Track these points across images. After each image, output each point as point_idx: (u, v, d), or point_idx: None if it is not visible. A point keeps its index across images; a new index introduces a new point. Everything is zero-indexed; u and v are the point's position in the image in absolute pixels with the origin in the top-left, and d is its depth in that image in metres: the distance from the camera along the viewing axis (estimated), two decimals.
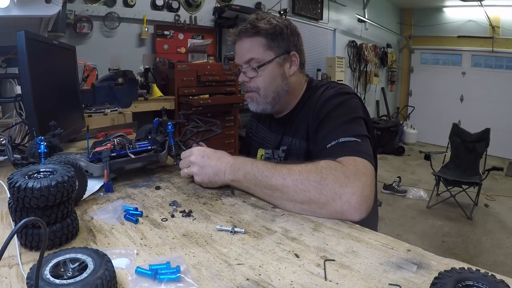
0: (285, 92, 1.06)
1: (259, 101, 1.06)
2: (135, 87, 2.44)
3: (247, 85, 1.06)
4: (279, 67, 1.03)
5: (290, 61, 1.05)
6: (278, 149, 1.12)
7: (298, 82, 1.09)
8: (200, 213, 0.72)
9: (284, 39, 1.02)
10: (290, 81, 1.06)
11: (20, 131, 1.23)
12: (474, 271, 0.41)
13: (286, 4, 4.63)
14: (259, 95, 1.05)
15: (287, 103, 1.10)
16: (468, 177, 3.59)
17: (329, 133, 0.86)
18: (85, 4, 2.95)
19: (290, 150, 1.07)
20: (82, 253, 0.46)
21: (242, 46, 1.04)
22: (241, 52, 1.05)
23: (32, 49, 0.97)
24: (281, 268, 0.52)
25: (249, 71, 1.04)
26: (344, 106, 0.93)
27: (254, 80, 1.04)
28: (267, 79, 1.03)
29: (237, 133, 3.55)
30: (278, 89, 1.05)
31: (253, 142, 1.25)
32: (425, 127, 6.97)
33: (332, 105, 0.94)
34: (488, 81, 6.36)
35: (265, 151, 1.16)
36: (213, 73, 3.25)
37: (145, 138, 1.08)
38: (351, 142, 0.81)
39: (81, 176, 0.72)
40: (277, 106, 1.08)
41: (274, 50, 1.02)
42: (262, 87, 1.04)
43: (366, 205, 0.70)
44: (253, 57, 1.02)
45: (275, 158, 1.13)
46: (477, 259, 2.71)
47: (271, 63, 1.02)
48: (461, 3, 6.02)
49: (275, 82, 1.04)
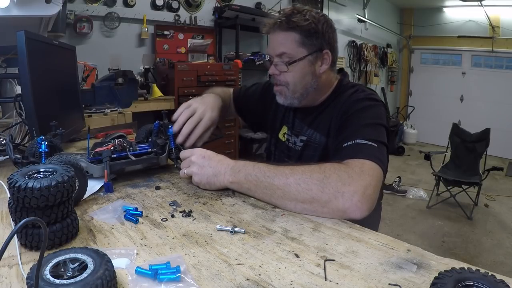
0: (313, 89, 1.05)
1: (287, 96, 1.06)
2: (135, 87, 2.45)
3: (277, 78, 1.06)
4: (310, 65, 1.02)
5: (322, 59, 1.03)
6: (296, 136, 1.13)
7: (328, 79, 1.08)
8: (200, 213, 0.72)
9: (319, 37, 1.00)
10: (319, 79, 1.05)
11: (20, 131, 1.23)
12: (474, 271, 0.41)
13: (286, 4, 4.62)
14: (287, 89, 1.05)
15: (314, 99, 1.09)
16: (468, 177, 3.59)
17: (349, 133, 0.87)
18: (85, 4, 2.95)
19: (309, 143, 1.08)
20: (82, 253, 0.46)
21: (275, 39, 1.03)
22: (274, 44, 1.03)
23: (32, 49, 0.97)
24: (281, 268, 0.52)
25: (280, 65, 1.02)
26: (369, 110, 0.94)
27: (284, 75, 1.03)
28: (297, 76, 1.02)
29: (237, 133, 3.55)
30: (307, 86, 1.04)
31: (279, 112, 1.23)
32: (425, 127, 6.97)
33: (358, 107, 0.95)
34: (488, 81, 6.36)
35: (288, 130, 1.17)
36: (213, 73, 3.25)
37: (146, 140, 1.08)
38: (367, 145, 0.81)
39: (82, 176, 0.72)
40: (303, 101, 1.07)
41: (306, 48, 1.00)
42: (291, 83, 1.03)
43: (368, 205, 0.70)
44: (285, 51, 1.00)
45: (291, 142, 1.15)
46: (477, 259, 2.71)
47: (302, 61, 1.00)
48: (461, 3, 6.02)
49: (305, 80, 1.03)
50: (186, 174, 0.88)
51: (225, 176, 0.82)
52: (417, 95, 7.48)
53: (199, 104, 1.04)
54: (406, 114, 7.07)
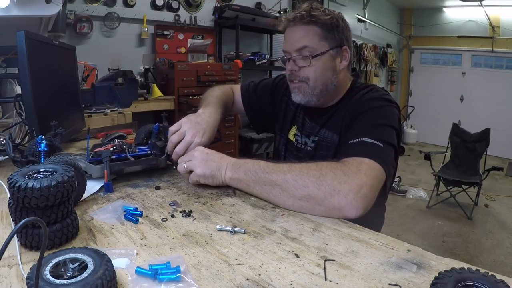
0: (333, 86, 1.02)
1: (306, 92, 1.02)
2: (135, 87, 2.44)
3: (295, 74, 1.02)
4: (332, 60, 1.00)
5: (341, 55, 1.02)
6: (307, 137, 1.11)
7: (345, 78, 1.06)
8: (200, 213, 0.72)
9: (339, 32, 0.99)
10: (339, 76, 1.03)
11: (20, 131, 1.23)
12: (474, 271, 0.41)
13: (286, 4, 4.62)
14: (307, 85, 1.01)
15: (331, 98, 1.07)
16: (468, 177, 3.59)
17: (356, 131, 0.87)
18: (85, 4, 2.95)
19: (320, 141, 1.06)
20: (82, 253, 0.46)
21: (296, 33, 0.99)
22: (294, 38, 1.00)
23: (32, 49, 0.97)
24: (281, 268, 0.52)
25: (300, 59, 0.99)
26: (382, 110, 0.93)
27: (304, 70, 1.00)
28: (318, 70, 0.99)
29: (237, 133, 3.55)
30: (327, 82, 1.01)
31: (289, 111, 1.20)
32: (425, 127, 6.97)
33: (370, 106, 0.94)
34: (488, 81, 6.36)
35: (297, 130, 1.15)
36: (213, 73, 3.25)
37: (145, 142, 1.08)
38: (372, 144, 0.81)
39: (80, 176, 0.72)
40: (322, 100, 1.04)
41: (328, 42, 0.98)
42: (312, 78, 1.00)
43: (363, 204, 0.69)
44: (307, 45, 0.97)
45: (300, 143, 1.13)
46: (477, 259, 2.71)
47: (325, 55, 0.98)
48: (461, 3, 6.02)
49: (326, 75, 1.00)
50: (186, 168, 0.85)
51: (226, 172, 0.82)
52: (417, 95, 7.48)
53: (189, 128, 0.96)
54: (406, 114, 7.07)
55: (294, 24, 1.00)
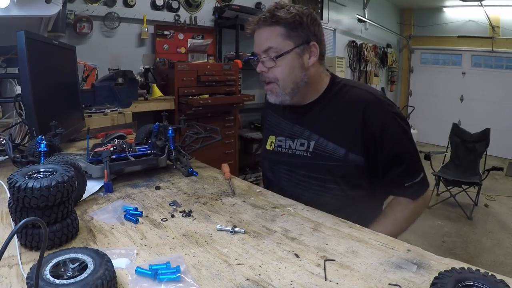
0: (304, 83, 1.03)
1: (278, 93, 1.03)
2: (135, 87, 2.44)
3: (265, 75, 1.04)
4: (298, 57, 1.00)
5: (309, 51, 1.02)
6: (292, 139, 1.09)
7: (318, 73, 1.06)
8: (200, 213, 0.72)
9: (304, 28, 0.99)
10: (308, 72, 1.03)
11: (20, 131, 1.23)
12: (474, 271, 0.41)
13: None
14: (278, 86, 1.02)
15: (306, 94, 1.06)
16: (468, 177, 3.58)
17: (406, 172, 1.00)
18: (85, 4, 2.94)
19: (318, 151, 1.03)
20: (82, 253, 0.46)
21: (261, 35, 1.02)
22: (259, 41, 1.02)
23: (32, 49, 0.97)
24: (281, 268, 0.52)
25: (267, 61, 1.01)
26: (408, 136, 1.01)
27: (272, 71, 1.01)
28: (285, 69, 1.00)
29: (237, 133, 3.54)
30: (297, 80, 1.02)
31: (265, 130, 1.22)
32: (425, 127, 6.96)
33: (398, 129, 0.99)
34: (488, 81, 6.36)
35: (276, 138, 1.14)
36: (213, 73, 3.24)
37: (145, 141, 1.08)
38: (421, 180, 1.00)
39: (80, 176, 0.72)
40: (295, 97, 1.05)
41: (293, 40, 0.99)
42: (281, 78, 1.01)
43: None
44: (271, 46, 0.99)
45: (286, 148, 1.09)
46: (477, 259, 2.71)
47: (290, 53, 0.99)
48: (461, 3, 6.01)
49: (294, 73, 1.01)
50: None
51: None
52: (417, 95, 7.48)
53: None
54: (406, 114, 7.06)
55: (259, 27, 1.02)
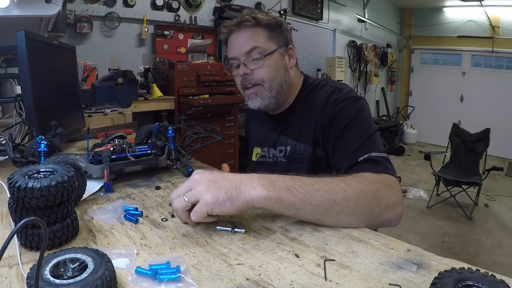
0: (287, 85, 1.02)
1: (264, 95, 0.99)
2: (135, 87, 2.44)
3: (249, 78, 0.99)
4: (282, 58, 1.00)
5: (289, 54, 1.03)
6: (274, 148, 1.08)
7: (296, 76, 1.07)
8: None
9: (283, 31, 1.02)
10: (290, 74, 1.03)
11: (20, 131, 1.23)
12: (474, 271, 0.41)
13: (286, 4, 4.63)
14: (264, 88, 0.99)
15: (286, 99, 1.05)
16: (468, 177, 3.59)
17: (358, 147, 0.83)
18: (85, 4, 2.95)
19: (294, 154, 1.02)
20: (82, 253, 0.46)
21: (243, 36, 0.99)
22: (241, 42, 0.99)
23: (32, 49, 0.97)
24: (281, 268, 0.52)
25: (251, 62, 0.98)
26: (362, 115, 0.90)
27: (257, 72, 0.98)
28: (272, 69, 0.98)
29: (237, 133, 3.54)
30: (281, 81, 1.00)
31: (250, 142, 1.22)
32: (425, 127, 6.97)
33: (350, 115, 0.89)
34: (488, 81, 6.36)
35: (261, 149, 1.13)
36: (213, 73, 3.25)
37: (145, 141, 1.08)
38: (381, 158, 0.81)
39: (80, 176, 0.72)
40: (279, 101, 1.03)
41: (275, 41, 0.99)
42: (267, 78, 0.98)
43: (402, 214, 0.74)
44: (256, 45, 0.97)
45: (270, 157, 1.10)
46: (477, 259, 2.71)
47: (275, 53, 0.98)
48: (461, 3, 6.02)
49: (279, 73, 1.00)
50: (188, 201, 0.61)
51: (253, 189, 0.61)
52: (417, 95, 7.48)
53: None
54: (406, 114, 7.07)
55: (238, 29, 1.00)
